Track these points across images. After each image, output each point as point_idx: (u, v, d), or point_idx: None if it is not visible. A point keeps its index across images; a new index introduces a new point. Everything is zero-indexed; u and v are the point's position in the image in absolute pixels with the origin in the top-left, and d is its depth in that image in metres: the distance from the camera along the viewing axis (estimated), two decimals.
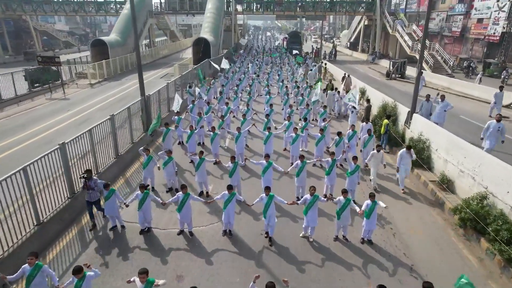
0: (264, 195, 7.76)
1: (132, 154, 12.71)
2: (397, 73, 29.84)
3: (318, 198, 7.85)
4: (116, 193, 8.21)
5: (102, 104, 20.83)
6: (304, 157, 9.70)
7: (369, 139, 11.99)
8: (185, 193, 7.87)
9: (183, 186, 7.97)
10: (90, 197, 8.43)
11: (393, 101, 15.54)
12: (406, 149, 10.52)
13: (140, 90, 14.41)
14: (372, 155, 10.65)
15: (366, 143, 12.00)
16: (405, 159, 10.51)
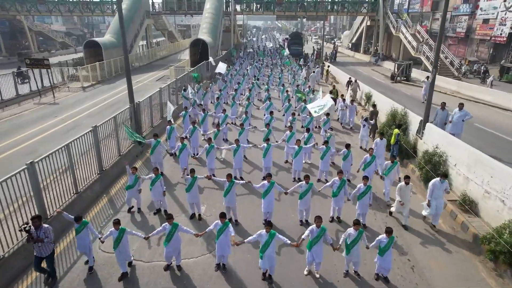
0: (264, 231, 6.57)
1: (119, 168, 11.57)
2: (402, 76, 28.70)
3: (325, 232, 6.71)
4: (90, 226, 6.95)
5: (93, 109, 19.69)
6: (309, 177, 8.54)
7: (392, 166, 9.86)
8: (171, 223, 6.74)
9: (169, 216, 6.84)
10: (40, 251, 6.42)
11: (403, 108, 14.41)
12: (442, 178, 8.51)
13: (128, 97, 13.25)
14: (399, 188, 8.68)
15: (388, 171, 9.95)
16: (438, 191, 8.49)
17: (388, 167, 9.96)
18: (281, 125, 17.11)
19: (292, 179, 11.36)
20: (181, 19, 73.47)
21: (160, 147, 11.06)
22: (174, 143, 12.93)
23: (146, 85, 27.44)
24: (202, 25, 35.14)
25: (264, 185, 8.34)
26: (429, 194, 8.57)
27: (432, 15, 48.45)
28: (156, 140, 11.00)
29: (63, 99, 22.59)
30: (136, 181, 8.75)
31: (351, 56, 53.43)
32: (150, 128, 15.06)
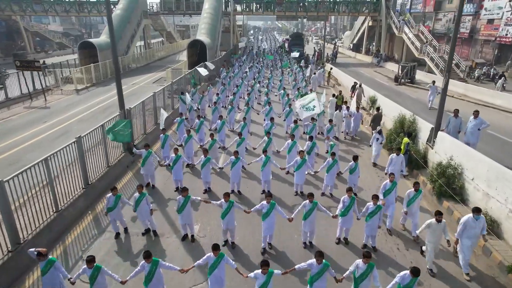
0: (261, 272, 5.58)
1: (107, 181, 10.71)
2: (406, 78, 27.83)
3: (328, 268, 5.82)
4: (57, 265, 5.84)
5: (85, 114, 18.82)
6: (313, 196, 7.66)
7: (416, 195, 8.06)
8: (150, 262, 5.76)
9: (147, 254, 5.81)
10: None
11: (412, 115, 13.55)
12: (475, 213, 6.89)
13: (118, 102, 12.39)
14: (429, 226, 7.10)
15: (411, 201, 8.13)
16: (471, 230, 6.93)
17: (411, 197, 8.12)
18: (282, 131, 16.25)
19: (294, 193, 10.51)
20: (180, 19, 72.54)
21: (151, 158, 10.19)
22: (168, 153, 12.09)
23: (142, 87, 26.59)
24: (201, 25, 34.28)
25: (264, 206, 7.47)
26: (460, 232, 7.05)
27: (435, 15, 47.62)
28: (147, 150, 10.13)
29: (55, 102, 21.73)
30: (116, 202, 7.81)
31: (353, 57, 52.56)
32: (143, 136, 14.21)
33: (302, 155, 9.95)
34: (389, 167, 10.31)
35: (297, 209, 7.83)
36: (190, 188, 10.75)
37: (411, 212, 8.26)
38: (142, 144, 13.56)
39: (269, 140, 11.58)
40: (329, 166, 9.84)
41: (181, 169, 10.25)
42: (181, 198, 7.69)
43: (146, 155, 10.10)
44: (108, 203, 7.75)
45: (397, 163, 10.18)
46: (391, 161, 10.28)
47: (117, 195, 7.76)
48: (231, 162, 9.86)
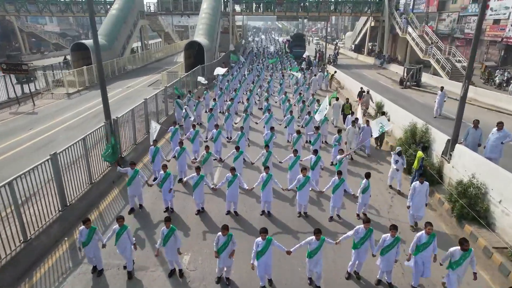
0: None
1: (89, 200, 9.64)
2: (412, 81, 26.74)
3: None
4: None
5: (74, 120, 17.74)
6: (321, 232, 6.49)
7: (464, 256, 6.12)
8: None
9: None
10: None
11: (424, 124, 12.47)
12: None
13: (104, 112, 11.31)
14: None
15: (458, 263, 6.13)
16: None
17: (457, 258, 6.12)
18: (283, 140, 15.16)
19: (297, 214, 9.43)
20: (178, 19, 71.43)
21: (138, 177, 9.08)
22: (160, 166, 11.00)
23: (138, 90, 25.50)
24: (198, 26, 33.21)
25: (258, 244, 6.35)
26: None
27: (438, 16, 46.62)
28: (133, 169, 9.04)
29: (44, 107, 20.65)
30: (90, 236, 6.70)
31: (354, 58, 51.47)
32: (133, 146, 13.13)
33: (305, 173, 8.88)
34: (412, 199, 8.58)
35: (299, 244, 6.69)
36: (182, 207, 9.80)
37: (458, 276, 6.19)
38: (132, 157, 12.60)
39: (268, 154, 10.51)
40: (335, 186, 8.75)
41: (171, 188, 9.15)
42: (164, 229, 6.60)
43: (132, 175, 9.00)
44: (81, 237, 6.64)
45: (421, 194, 8.45)
46: (414, 191, 8.50)
47: (91, 228, 6.64)
48: (228, 181, 8.78)
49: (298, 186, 8.96)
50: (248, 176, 11.67)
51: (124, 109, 14.65)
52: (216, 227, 8.75)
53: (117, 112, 16.52)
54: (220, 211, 9.51)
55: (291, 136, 14.77)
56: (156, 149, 10.71)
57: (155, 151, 10.70)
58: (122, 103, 21.23)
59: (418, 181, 8.46)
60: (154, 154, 10.72)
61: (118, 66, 32.29)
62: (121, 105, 20.38)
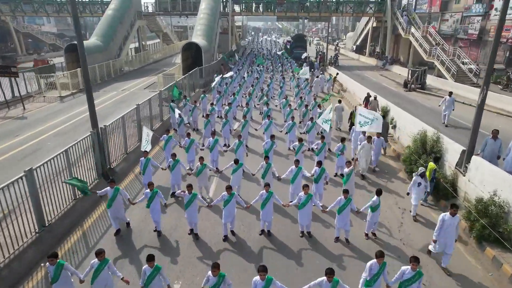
0: None
1: (72, 218, 8.80)
2: (416, 84, 25.90)
3: None
4: None
5: (64, 126, 16.90)
6: (334, 273, 5.46)
7: None
8: None
9: None
10: None
11: (435, 132, 11.62)
12: None
13: (90, 120, 10.47)
14: None
15: None
16: None
17: None
18: (284, 147, 14.30)
19: (300, 234, 8.58)
20: (177, 20, 70.66)
21: (120, 197, 8.22)
22: (151, 179, 10.18)
23: (133, 93, 24.68)
24: (197, 26, 32.41)
25: (257, 285, 5.49)
26: None
27: (441, 16, 45.86)
28: (113, 188, 8.14)
29: (34, 111, 19.81)
30: (57, 273, 5.66)
31: (356, 59, 50.65)
32: (124, 155, 12.30)
33: (307, 191, 8.01)
34: (439, 233, 7.22)
35: (308, 286, 5.73)
36: (174, 226, 8.89)
37: None
38: (122, 167, 11.79)
39: (268, 166, 9.67)
40: (341, 206, 7.90)
41: (159, 208, 8.26)
42: (147, 268, 5.71)
43: (112, 195, 8.06)
44: (49, 274, 5.75)
45: (451, 228, 7.08)
46: (443, 224, 7.14)
47: (58, 264, 5.69)
48: (223, 200, 7.94)
49: (299, 205, 8.12)
50: (247, 189, 10.86)
51: (118, 113, 13.84)
52: (210, 251, 7.92)
53: (111, 117, 15.82)
54: (216, 230, 8.67)
55: (292, 143, 13.95)
56: (147, 161, 9.87)
57: (146, 163, 9.87)
58: (116, 107, 20.40)
59: (449, 213, 7.11)
60: (144, 166, 9.88)
61: (114, 68, 31.47)
62: (115, 109, 19.58)
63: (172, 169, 9.89)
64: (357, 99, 22.99)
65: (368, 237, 8.53)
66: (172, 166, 9.87)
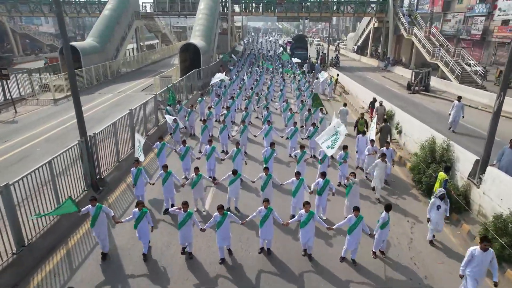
0: None
1: (55, 236, 8.13)
2: (420, 86, 25.24)
3: None
4: None
5: (56, 130, 16.25)
6: None
7: None
8: None
9: None
10: None
11: (445, 140, 10.96)
12: None
13: (78, 128, 9.82)
14: None
15: None
16: None
17: None
18: (285, 154, 13.63)
19: (302, 253, 7.91)
20: (177, 20, 70.01)
21: (103, 215, 7.49)
22: (144, 191, 9.55)
23: (129, 96, 24.00)
24: (195, 27, 31.75)
25: None
26: None
27: (443, 16, 45.27)
28: (95, 206, 7.35)
29: (26, 115, 19.15)
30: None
31: (357, 60, 50.00)
32: (116, 164, 11.64)
33: (308, 208, 7.31)
34: (467, 268, 6.22)
35: None
36: (166, 244, 8.07)
37: None
38: (114, 176, 11.13)
39: (268, 178, 9.00)
40: (351, 225, 7.21)
41: (147, 229, 7.54)
42: None
43: (94, 213, 7.32)
44: None
45: (483, 264, 6.07)
46: (472, 259, 6.13)
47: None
48: (216, 222, 7.23)
49: (300, 223, 7.44)
50: (246, 199, 10.21)
51: (113, 117, 13.19)
52: (205, 274, 7.24)
53: (106, 121, 15.22)
54: (211, 249, 7.99)
55: (294, 150, 13.30)
56: (138, 171, 9.22)
57: (137, 173, 9.22)
58: (111, 110, 19.75)
59: (479, 247, 6.03)
60: (136, 177, 9.23)
61: (111, 69, 30.80)
62: (110, 113, 18.94)
63: (164, 182, 9.19)
64: (359, 102, 22.35)
65: (376, 256, 7.88)
66: (163, 179, 9.16)
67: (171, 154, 13.41)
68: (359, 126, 13.87)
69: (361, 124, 13.93)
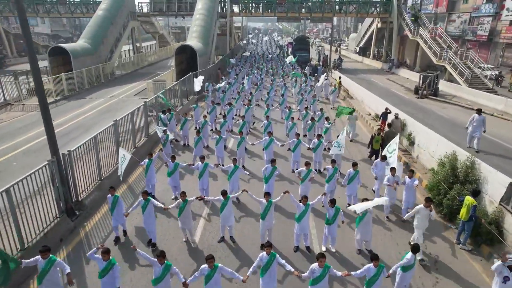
0: None
1: (21, 273, 6.83)
2: (429, 90, 23.93)
3: None
4: None
5: (38, 141, 14.95)
6: None
7: None
8: None
9: None
10: None
11: (469, 156, 9.66)
12: None
13: (49, 146, 8.52)
14: None
15: None
16: None
17: None
18: (287, 168, 12.32)
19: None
20: (175, 21, 68.73)
21: (55, 270, 5.91)
22: (124, 220, 8.26)
23: (122, 101, 22.73)
24: (192, 28, 30.47)
25: None
26: None
27: (447, 16, 44.06)
28: (46, 258, 5.82)
29: (9, 122, 17.89)
30: None
31: (360, 61, 48.69)
32: (97, 182, 10.34)
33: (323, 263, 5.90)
34: None
35: None
36: None
37: None
38: (94, 197, 9.82)
39: (268, 204, 7.69)
40: (370, 278, 5.87)
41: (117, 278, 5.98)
42: None
43: (43, 268, 5.75)
44: None
45: None
46: None
47: None
48: (204, 275, 5.69)
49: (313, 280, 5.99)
50: (241, 227, 8.91)
51: (101, 125, 11.91)
52: None
53: (93, 129, 13.98)
54: None
55: (297, 164, 12.03)
56: (115, 199, 7.90)
57: (114, 201, 7.90)
58: (101, 117, 18.48)
59: None
60: (112, 206, 7.92)
61: (105, 72, 29.53)
62: (98, 120, 17.68)
63: (143, 210, 7.84)
64: (365, 107, 21.06)
65: None
66: (142, 207, 7.81)
67: (162, 169, 12.16)
68: (374, 144, 12.17)
69: (376, 141, 12.17)
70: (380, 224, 9.24)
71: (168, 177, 9.94)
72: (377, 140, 12.07)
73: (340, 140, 11.14)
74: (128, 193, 10.78)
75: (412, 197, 9.09)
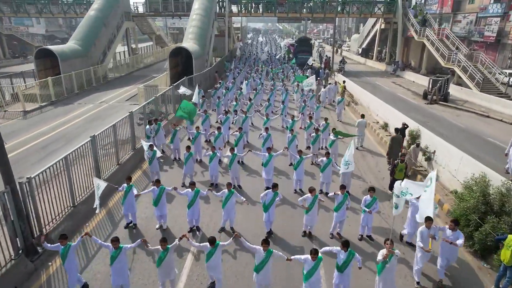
0: None
1: None
2: (439, 95, 22.48)
3: None
4: None
5: (16, 153, 13.49)
6: None
7: None
8: None
9: None
10: None
11: (505, 182, 8.22)
12: None
13: (1, 176, 7.06)
14: None
15: None
16: None
17: None
18: (288, 188, 10.90)
19: None
20: (173, 21, 67.33)
21: None
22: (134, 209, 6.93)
23: (112, 107, 21.27)
24: (188, 29, 29.03)
25: None
26: None
27: (453, 17, 42.74)
28: None
29: None
30: None
31: (362, 63, 47.24)
32: (69, 210, 8.86)
33: None
34: None
35: None
36: None
37: None
38: (64, 228, 8.33)
39: (267, 256, 6.19)
40: None
41: None
42: None
43: None
44: None
45: None
46: None
47: None
48: None
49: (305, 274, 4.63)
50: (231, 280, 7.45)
51: (87, 134, 10.44)
52: None
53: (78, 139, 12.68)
54: None
55: (300, 183, 10.63)
56: (128, 189, 6.51)
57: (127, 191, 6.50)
58: (86, 126, 17.04)
59: None
60: (125, 195, 6.61)
61: (97, 75, 28.08)
62: (84, 129, 16.27)
63: (111, 261, 6.26)
64: (372, 114, 19.60)
65: None
66: (111, 257, 6.23)
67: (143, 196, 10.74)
68: (397, 173, 10.04)
69: (400, 170, 10.07)
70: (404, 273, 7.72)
71: (154, 207, 8.49)
72: (401, 169, 10.03)
73: (348, 157, 9.72)
74: (106, 220, 9.33)
75: (453, 255, 7.05)
